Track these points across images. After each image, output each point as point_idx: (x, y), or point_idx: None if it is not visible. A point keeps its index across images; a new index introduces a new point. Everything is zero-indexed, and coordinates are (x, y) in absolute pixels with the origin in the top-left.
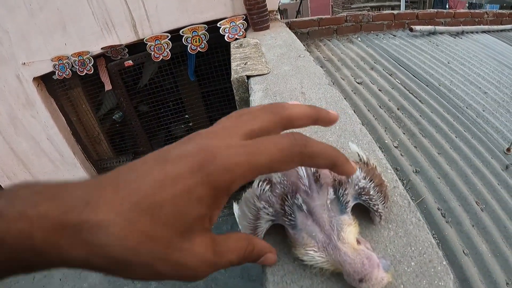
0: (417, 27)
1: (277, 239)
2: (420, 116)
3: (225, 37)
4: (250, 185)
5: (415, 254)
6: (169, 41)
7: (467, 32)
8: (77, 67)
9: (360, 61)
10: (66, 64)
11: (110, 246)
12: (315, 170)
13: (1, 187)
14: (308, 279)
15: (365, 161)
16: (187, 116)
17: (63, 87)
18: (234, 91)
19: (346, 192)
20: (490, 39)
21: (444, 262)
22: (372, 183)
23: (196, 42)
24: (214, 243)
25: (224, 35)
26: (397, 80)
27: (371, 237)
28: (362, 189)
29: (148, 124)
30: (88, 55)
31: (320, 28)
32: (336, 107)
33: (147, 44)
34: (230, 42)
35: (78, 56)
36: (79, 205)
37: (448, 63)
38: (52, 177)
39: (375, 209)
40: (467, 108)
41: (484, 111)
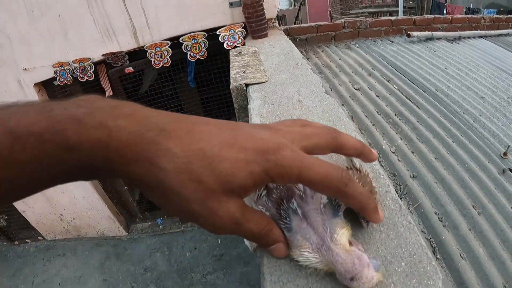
0: (415, 33)
1: None
2: (417, 121)
3: (224, 45)
4: None
5: (405, 255)
6: (169, 48)
7: (464, 38)
8: (78, 73)
9: (358, 67)
10: (67, 70)
11: (167, 172)
12: None
13: None
14: (304, 278)
15: (357, 168)
16: None
17: (64, 93)
18: (233, 98)
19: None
20: (487, 44)
21: (433, 263)
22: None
23: (195, 49)
24: (244, 209)
25: (223, 42)
26: (394, 86)
27: (363, 239)
28: None
29: None
30: (89, 62)
31: (318, 34)
32: (331, 115)
33: (148, 51)
34: (229, 49)
35: (79, 63)
36: (154, 129)
37: (445, 68)
38: None
39: (360, 214)
40: (464, 113)
41: (481, 116)
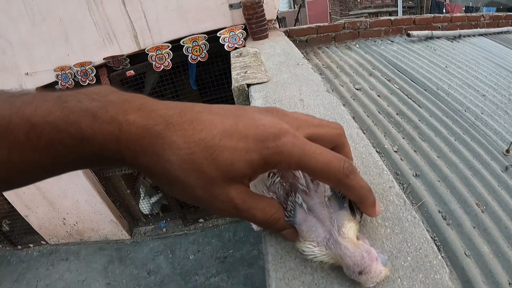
0: (414, 33)
1: (279, 237)
2: (419, 120)
3: (225, 46)
4: None
5: (411, 250)
6: (170, 51)
7: (464, 36)
8: (80, 77)
9: (359, 67)
10: (68, 74)
11: (171, 163)
12: None
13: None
14: (309, 275)
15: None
16: None
17: None
18: (235, 99)
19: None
20: (487, 42)
21: (439, 257)
22: None
23: (196, 51)
24: (246, 195)
25: (224, 44)
26: (395, 86)
27: (369, 234)
28: None
29: None
30: (90, 65)
31: (318, 35)
32: (333, 113)
33: (148, 54)
34: (230, 51)
35: (81, 66)
36: (161, 123)
37: (446, 67)
38: (54, 187)
39: (358, 206)
40: (465, 111)
41: (482, 113)
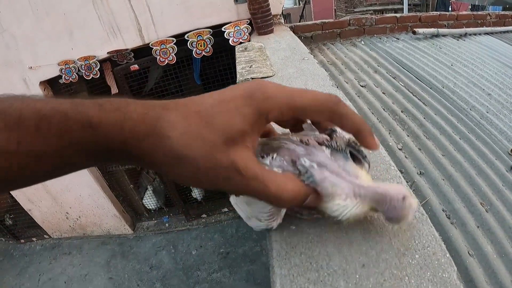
0: (420, 30)
1: (284, 232)
2: (424, 118)
3: (230, 41)
4: None
5: (419, 247)
6: (175, 46)
7: (470, 34)
8: (84, 71)
9: (364, 64)
10: (72, 68)
11: (172, 139)
12: (301, 139)
13: None
14: (315, 271)
15: None
16: None
17: (69, 91)
18: None
19: (338, 143)
20: (493, 40)
21: (448, 255)
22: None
23: (201, 46)
24: (250, 160)
25: (229, 39)
26: (400, 83)
27: (376, 231)
28: (349, 140)
29: None
30: (94, 60)
31: (323, 32)
32: None
33: (153, 48)
34: (235, 46)
35: (85, 61)
36: (157, 107)
37: (452, 65)
38: (57, 181)
39: (363, 155)
40: (470, 109)
41: (488, 112)
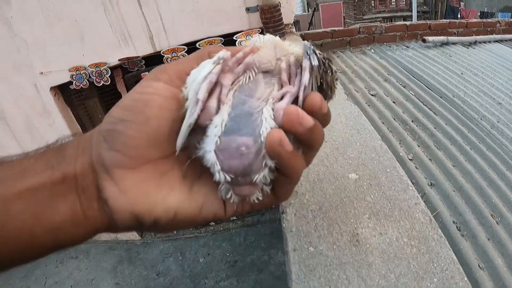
0: (430, 38)
1: (303, 254)
2: (435, 128)
3: None
4: None
5: (437, 271)
6: (186, 54)
7: (480, 42)
8: (95, 77)
9: (374, 72)
10: (83, 74)
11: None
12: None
13: None
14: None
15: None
16: None
17: (80, 97)
18: None
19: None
20: (503, 48)
21: (465, 278)
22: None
23: None
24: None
25: None
26: (411, 92)
27: (395, 254)
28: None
29: None
30: (105, 66)
31: (333, 40)
32: (355, 123)
33: (164, 56)
34: None
35: (96, 67)
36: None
37: (462, 73)
38: None
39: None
40: (481, 119)
41: (498, 122)
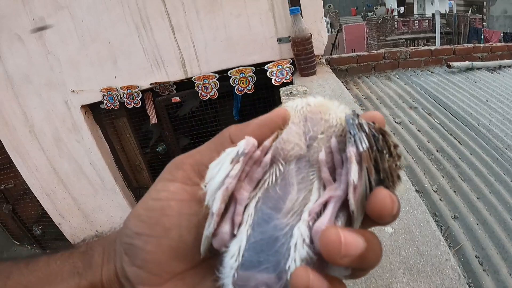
0: (455, 63)
1: None
2: (459, 158)
3: (272, 81)
4: None
5: None
6: (217, 81)
7: (505, 67)
8: (125, 99)
9: (399, 99)
10: (115, 96)
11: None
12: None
13: None
14: None
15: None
16: None
17: (109, 116)
18: None
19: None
20: None
21: None
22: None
23: (243, 83)
24: None
25: (271, 78)
26: (436, 120)
27: None
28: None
29: None
30: (137, 89)
31: (358, 65)
32: None
33: (195, 83)
34: (278, 86)
35: (127, 90)
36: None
37: (487, 100)
38: (91, 200)
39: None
40: (506, 149)
41: None
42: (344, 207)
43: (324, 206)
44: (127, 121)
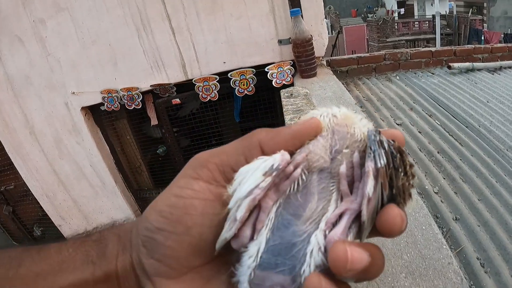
0: (455, 65)
1: None
2: (460, 159)
3: (273, 82)
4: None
5: None
6: (217, 83)
7: (505, 68)
8: (126, 101)
9: (399, 101)
10: (115, 97)
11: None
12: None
13: None
14: None
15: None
16: None
17: (109, 118)
18: None
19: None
20: None
21: None
22: None
23: (243, 85)
24: None
25: (272, 80)
26: (436, 122)
27: None
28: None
29: (189, 158)
30: (137, 91)
31: (359, 66)
32: None
33: (196, 84)
34: (278, 87)
35: (127, 91)
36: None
37: (488, 102)
38: (91, 202)
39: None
40: (507, 150)
41: None
42: (356, 218)
43: (340, 216)
44: (128, 123)
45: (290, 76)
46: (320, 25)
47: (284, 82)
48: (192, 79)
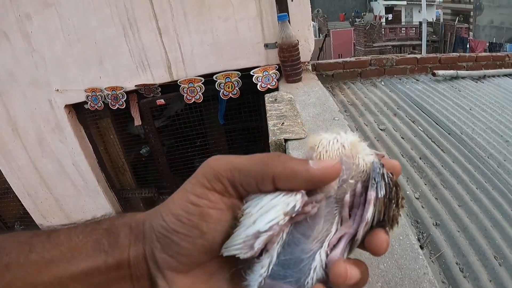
0: (440, 72)
1: None
2: (442, 166)
3: (258, 86)
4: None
5: None
6: (202, 85)
7: (489, 76)
8: (110, 100)
9: (384, 106)
10: (99, 96)
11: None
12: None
13: None
14: None
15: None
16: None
17: (93, 117)
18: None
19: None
20: (511, 82)
21: None
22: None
23: (228, 88)
24: None
25: (257, 83)
26: (419, 128)
27: None
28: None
29: (173, 159)
30: (121, 91)
31: (344, 70)
32: None
33: (181, 86)
34: (263, 91)
35: (112, 91)
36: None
37: (470, 109)
38: (73, 201)
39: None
40: (488, 157)
41: (505, 161)
42: (351, 239)
43: (339, 238)
44: (111, 122)
45: (275, 80)
46: (307, 30)
47: (269, 86)
48: (178, 80)
